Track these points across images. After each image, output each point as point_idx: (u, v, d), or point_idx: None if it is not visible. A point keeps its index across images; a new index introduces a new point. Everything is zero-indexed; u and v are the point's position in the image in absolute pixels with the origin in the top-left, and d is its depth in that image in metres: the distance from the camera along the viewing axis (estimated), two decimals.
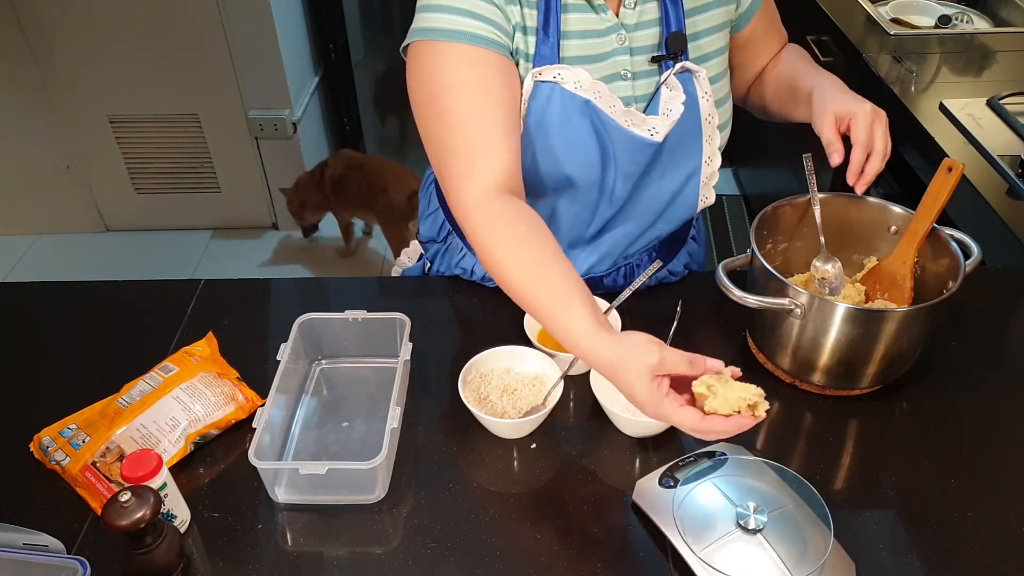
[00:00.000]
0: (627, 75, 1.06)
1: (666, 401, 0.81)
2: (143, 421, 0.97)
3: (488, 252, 0.94)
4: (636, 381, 0.81)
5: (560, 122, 1.03)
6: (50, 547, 0.85)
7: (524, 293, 0.92)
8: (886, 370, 1.05)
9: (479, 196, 0.95)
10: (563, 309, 0.87)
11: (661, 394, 0.81)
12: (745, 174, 3.14)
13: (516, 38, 1.01)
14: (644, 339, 0.83)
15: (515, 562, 0.89)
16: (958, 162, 1.03)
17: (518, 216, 0.95)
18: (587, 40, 1.04)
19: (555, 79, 1.02)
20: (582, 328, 0.86)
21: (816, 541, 0.85)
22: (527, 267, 0.91)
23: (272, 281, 1.32)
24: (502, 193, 0.96)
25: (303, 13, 2.80)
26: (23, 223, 2.98)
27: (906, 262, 1.09)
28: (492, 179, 0.96)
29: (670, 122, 1.06)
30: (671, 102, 1.07)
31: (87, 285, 1.31)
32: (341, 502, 0.95)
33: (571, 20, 1.02)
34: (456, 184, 0.97)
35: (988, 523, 0.93)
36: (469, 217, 0.96)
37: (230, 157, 2.82)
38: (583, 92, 1.02)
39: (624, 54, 1.06)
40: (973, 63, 1.97)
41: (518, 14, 1.00)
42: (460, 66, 0.97)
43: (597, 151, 1.06)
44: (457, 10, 0.97)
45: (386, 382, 1.04)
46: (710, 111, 1.10)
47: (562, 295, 0.88)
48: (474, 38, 0.97)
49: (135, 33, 2.53)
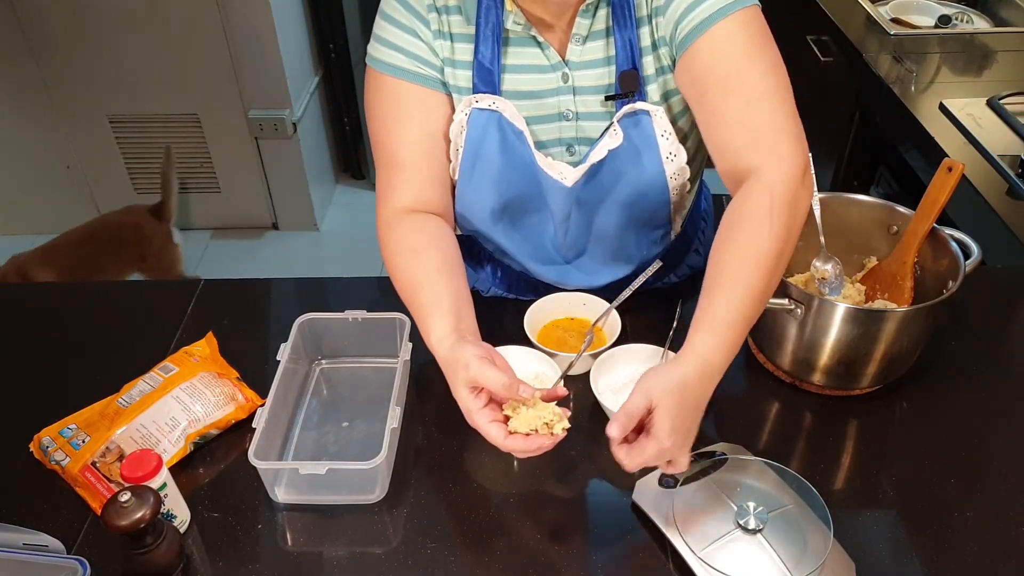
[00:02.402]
0: (570, 115, 1.05)
1: (481, 412, 0.87)
2: (143, 421, 0.98)
3: (387, 259, 1.03)
4: (456, 389, 0.88)
5: (499, 149, 1.04)
6: (50, 547, 0.85)
7: (406, 298, 0.99)
8: (886, 370, 1.05)
9: (391, 213, 1.03)
10: (427, 315, 0.94)
11: (477, 404, 0.87)
12: None
13: (446, 72, 1.03)
14: (473, 352, 0.87)
15: (515, 562, 0.89)
16: (958, 162, 1.03)
17: (419, 228, 1.02)
18: (528, 75, 1.03)
19: (491, 107, 1.02)
20: (434, 334, 0.92)
21: (816, 541, 0.85)
22: (411, 275, 0.99)
23: (272, 281, 1.32)
24: (412, 212, 1.04)
25: (303, 13, 2.80)
26: (23, 223, 2.98)
27: (906, 262, 1.09)
28: (405, 201, 1.04)
29: (579, 172, 1.04)
30: (598, 150, 1.03)
31: (87, 285, 1.31)
32: (341, 502, 0.95)
33: (511, 54, 1.02)
34: (378, 203, 1.06)
35: (988, 523, 0.93)
36: (380, 231, 1.04)
37: (230, 157, 2.82)
38: (517, 123, 1.03)
39: (567, 93, 1.03)
40: (973, 63, 1.97)
41: (447, 48, 1.02)
42: (389, 99, 1.04)
43: (531, 179, 1.06)
44: (389, 43, 1.02)
45: (386, 382, 1.04)
46: (672, 149, 1.03)
47: (431, 302, 0.95)
48: (402, 72, 1.02)
49: (135, 33, 2.53)
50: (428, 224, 1.03)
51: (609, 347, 1.09)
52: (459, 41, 1.02)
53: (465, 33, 1.01)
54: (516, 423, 0.86)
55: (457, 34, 1.01)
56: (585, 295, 1.16)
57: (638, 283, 1.13)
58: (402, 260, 1.00)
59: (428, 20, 1.01)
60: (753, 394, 1.09)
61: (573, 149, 1.07)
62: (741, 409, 1.07)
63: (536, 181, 1.07)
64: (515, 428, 0.86)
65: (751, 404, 1.08)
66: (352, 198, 3.19)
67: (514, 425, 0.86)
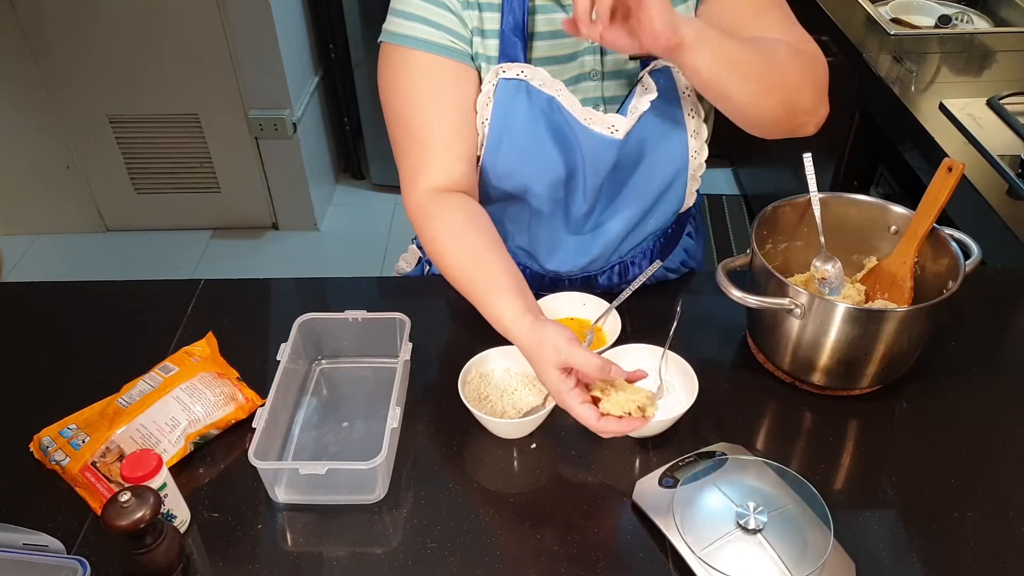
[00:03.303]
0: (595, 75, 1.06)
1: (572, 393, 0.87)
2: (143, 421, 0.97)
3: (429, 242, 1.01)
4: (544, 370, 0.89)
5: (526, 119, 1.04)
6: (50, 547, 0.85)
7: (460, 280, 0.98)
8: (886, 370, 1.05)
9: (422, 195, 1.02)
10: (493, 295, 0.94)
11: (568, 386, 0.88)
12: (745, 174, 3.14)
13: (475, 42, 1.02)
14: (561, 333, 0.88)
15: (515, 562, 0.89)
16: (958, 162, 1.03)
17: (457, 208, 1.01)
18: (555, 40, 1.03)
19: (520, 76, 1.02)
20: (508, 314, 0.92)
21: (816, 541, 0.85)
22: (463, 256, 0.98)
23: (272, 281, 1.32)
24: (445, 192, 1.02)
25: (303, 13, 2.80)
26: (23, 223, 2.98)
27: (906, 262, 1.09)
28: (437, 181, 1.02)
29: (630, 121, 1.05)
30: (640, 102, 1.05)
31: (87, 285, 1.31)
32: (341, 502, 0.95)
33: (539, 21, 1.03)
34: (407, 185, 1.04)
35: (988, 523, 0.93)
36: (414, 214, 1.03)
37: (230, 157, 2.82)
38: (546, 89, 1.03)
39: (592, 53, 1.05)
40: (973, 63, 1.97)
41: (476, 18, 1.01)
42: (416, 74, 1.01)
43: (563, 148, 1.06)
44: (416, 17, 1.00)
45: (386, 382, 1.04)
46: (692, 106, 1.08)
47: (492, 282, 0.95)
48: (431, 46, 1.00)
49: (135, 33, 2.53)
50: (465, 204, 1.02)
51: (609, 347, 1.09)
52: (486, 10, 1.02)
53: (491, 2, 1.01)
54: (609, 405, 0.87)
55: (484, 3, 1.01)
56: (585, 295, 1.16)
57: (638, 283, 1.13)
58: (449, 243, 1.00)
59: None
60: (753, 394, 1.09)
61: (600, 108, 1.07)
62: (741, 409, 1.07)
63: (569, 147, 1.06)
64: (607, 410, 0.87)
65: (751, 404, 1.08)
66: (352, 198, 3.19)
67: (606, 407, 0.87)
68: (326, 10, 2.81)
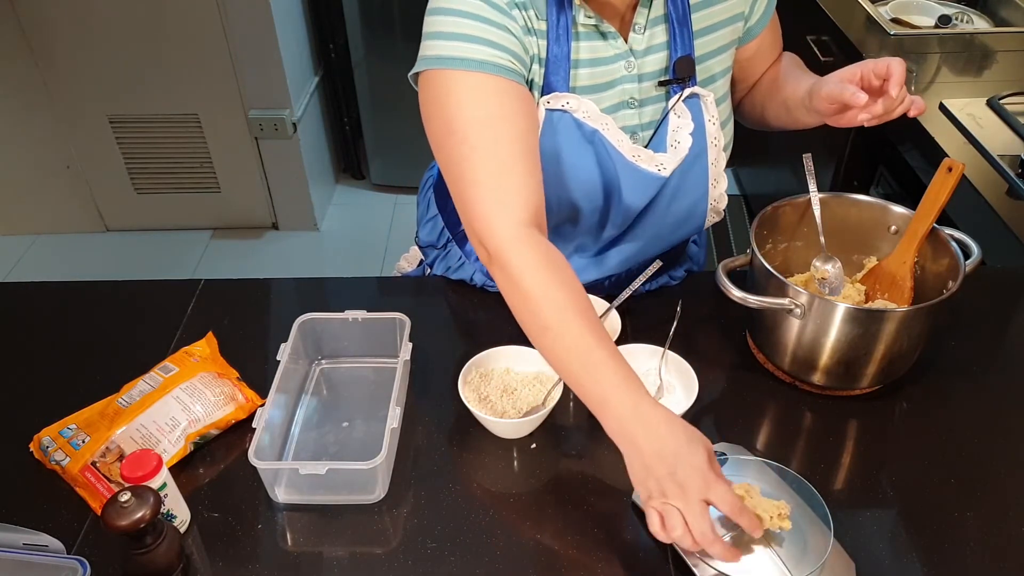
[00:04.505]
0: (634, 103, 1.06)
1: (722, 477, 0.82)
2: (143, 421, 0.97)
3: (527, 292, 0.89)
4: (702, 449, 0.82)
5: (570, 151, 1.03)
6: (50, 547, 0.85)
7: (559, 345, 0.88)
8: (886, 370, 1.05)
9: (515, 229, 0.91)
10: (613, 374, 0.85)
11: (718, 468, 0.83)
12: (745, 174, 3.14)
13: (532, 69, 1.01)
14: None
15: (515, 562, 0.89)
16: (958, 162, 1.03)
17: (555, 260, 0.92)
18: (596, 68, 1.03)
19: (564, 107, 1.01)
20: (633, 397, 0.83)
21: (816, 541, 0.85)
22: (569, 328, 0.87)
23: (272, 281, 1.32)
24: (533, 228, 0.93)
25: (303, 13, 2.80)
26: (23, 223, 2.98)
27: (906, 262, 1.09)
28: (523, 212, 0.92)
29: (678, 157, 1.05)
30: (679, 132, 1.06)
31: (87, 285, 1.31)
32: (341, 502, 0.95)
33: (582, 48, 1.02)
34: (487, 217, 0.92)
35: (988, 523, 0.93)
36: (507, 250, 0.90)
37: (230, 157, 2.82)
38: (591, 122, 1.02)
39: (632, 82, 1.05)
40: (973, 63, 1.96)
41: (535, 45, 1.00)
42: (483, 97, 0.94)
43: (603, 180, 1.05)
44: (476, 39, 0.94)
45: (386, 382, 1.04)
46: (716, 134, 1.09)
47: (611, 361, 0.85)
48: (497, 68, 0.95)
49: (135, 33, 2.53)
50: (554, 253, 0.92)
51: None
52: (539, 37, 1.00)
53: (539, 29, 1.00)
54: (752, 503, 0.84)
55: (536, 30, 1.00)
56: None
57: (637, 283, 1.13)
58: (555, 294, 0.89)
59: (513, 16, 0.97)
60: (753, 394, 1.09)
61: (636, 136, 1.07)
62: (741, 409, 1.07)
63: (609, 179, 1.05)
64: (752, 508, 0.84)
65: (751, 404, 1.08)
66: (352, 198, 3.19)
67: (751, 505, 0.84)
68: (326, 10, 2.81)
